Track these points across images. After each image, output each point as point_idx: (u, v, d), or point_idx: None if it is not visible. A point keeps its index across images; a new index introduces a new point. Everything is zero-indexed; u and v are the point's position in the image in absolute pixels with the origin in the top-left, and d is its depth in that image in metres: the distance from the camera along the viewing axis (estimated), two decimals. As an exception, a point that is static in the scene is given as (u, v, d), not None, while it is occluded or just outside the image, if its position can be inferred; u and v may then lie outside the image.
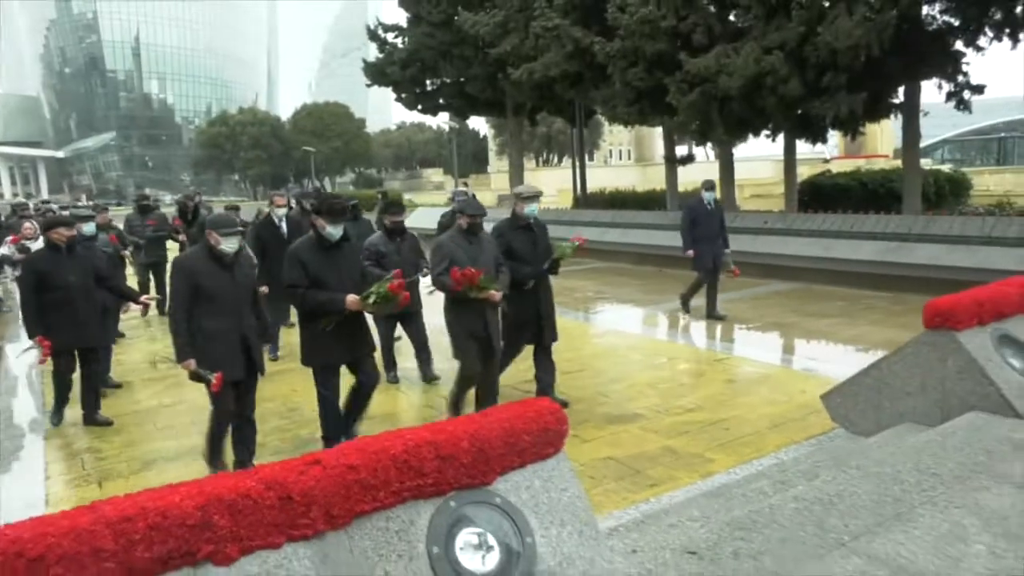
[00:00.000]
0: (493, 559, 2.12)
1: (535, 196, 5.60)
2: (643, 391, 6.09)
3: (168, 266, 9.85)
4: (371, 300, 4.39)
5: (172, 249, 10.49)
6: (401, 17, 25.53)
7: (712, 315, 8.80)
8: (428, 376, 6.56)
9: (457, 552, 2.09)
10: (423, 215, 21.60)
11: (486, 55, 20.70)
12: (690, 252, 8.75)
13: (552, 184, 38.24)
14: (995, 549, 2.44)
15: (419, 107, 26.73)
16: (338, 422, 4.77)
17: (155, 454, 5.09)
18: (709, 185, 9.01)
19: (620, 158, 75.48)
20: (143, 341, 9.06)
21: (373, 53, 27.05)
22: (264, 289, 7.33)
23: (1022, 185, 24.42)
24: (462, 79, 24.13)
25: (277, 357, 7.47)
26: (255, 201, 45.79)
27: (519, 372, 6.01)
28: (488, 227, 5.37)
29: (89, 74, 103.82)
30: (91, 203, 11.90)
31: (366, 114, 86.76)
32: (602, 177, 36.55)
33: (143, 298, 6.18)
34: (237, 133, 76.15)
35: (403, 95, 26.04)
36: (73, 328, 5.50)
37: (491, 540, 2.15)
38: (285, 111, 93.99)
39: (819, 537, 2.57)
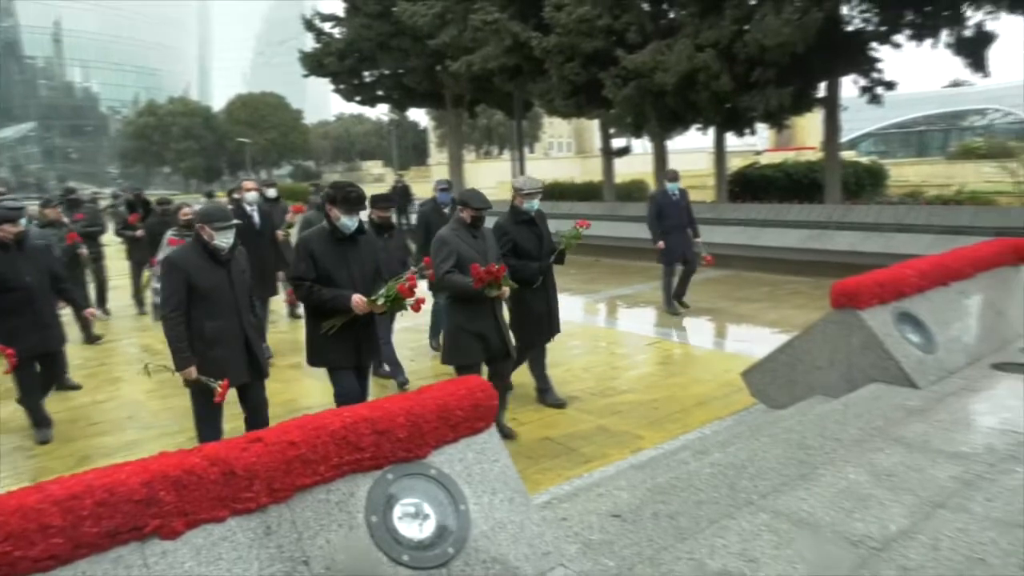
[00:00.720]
0: (430, 526, 2.27)
1: (537, 192, 5.25)
2: (579, 375, 6.32)
3: (105, 263, 9.64)
4: (379, 302, 4.03)
5: (111, 245, 10.26)
6: (338, 7, 25.22)
7: (679, 300, 8.75)
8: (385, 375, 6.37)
9: (395, 521, 2.23)
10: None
11: (425, 46, 20.69)
12: (660, 244, 8.59)
13: (492, 176, 38.37)
14: (883, 501, 2.72)
15: (358, 98, 26.49)
16: None
17: (91, 450, 5.05)
18: (673, 175, 8.83)
19: (560, 150, 76.13)
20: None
21: (310, 43, 26.63)
22: None
23: (937, 176, 25.77)
24: (401, 71, 24.06)
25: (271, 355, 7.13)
26: (188, 195, 44.50)
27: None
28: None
29: (5, 61, 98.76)
30: (43, 198, 11.32)
31: (303, 105, 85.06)
32: (542, 169, 36.93)
33: (87, 312, 5.87)
34: (167, 124, 73.66)
35: (341, 86, 25.78)
36: (37, 332, 5.10)
37: (427, 509, 2.30)
38: (219, 101, 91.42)
39: (731, 497, 2.81)
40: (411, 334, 7.53)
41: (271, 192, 8.83)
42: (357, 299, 4.02)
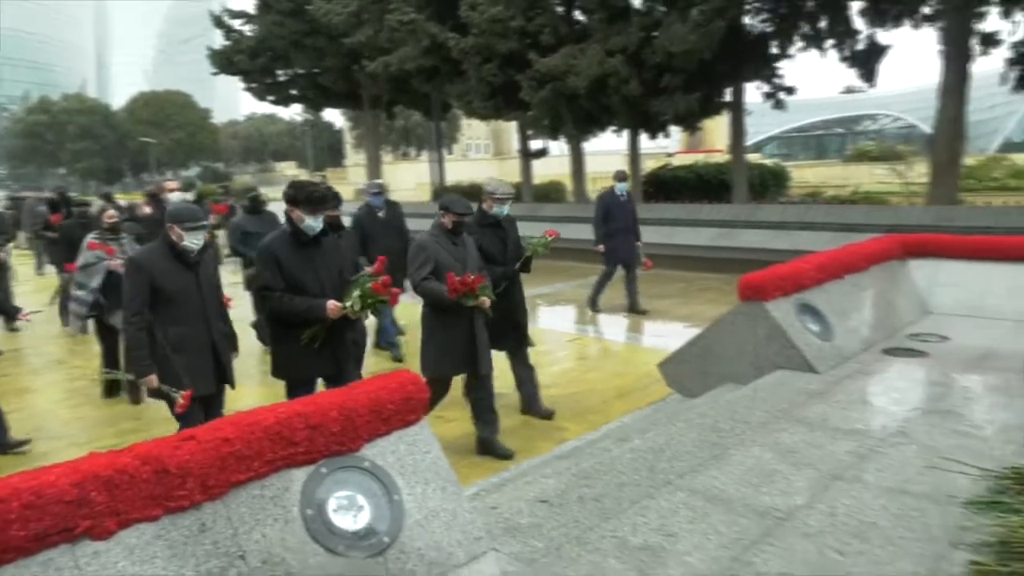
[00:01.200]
0: (364, 517, 2.32)
1: (508, 197, 5.14)
2: (503, 372, 6.40)
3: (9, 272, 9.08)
4: (355, 306, 3.82)
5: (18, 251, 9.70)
6: (248, 3, 24.57)
7: (635, 310, 8.67)
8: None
9: (330, 513, 2.27)
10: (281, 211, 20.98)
11: (341, 46, 20.45)
12: (600, 247, 8.52)
13: (410, 178, 38.13)
14: (787, 476, 2.95)
15: (271, 98, 25.93)
16: None
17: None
18: (621, 176, 8.73)
19: (478, 152, 76.35)
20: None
21: (218, 40, 25.83)
22: None
23: (834, 177, 27.34)
24: (316, 70, 23.67)
25: None
26: (87, 197, 42.19)
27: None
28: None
29: None
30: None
31: (212, 104, 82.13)
32: (461, 170, 36.92)
33: (22, 316, 5.48)
34: (62, 122, 69.69)
35: (253, 85, 25.15)
36: None
37: (361, 500, 2.35)
38: (119, 100, 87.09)
39: (650, 479, 2.98)
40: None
41: (189, 195, 8.59)
42: (332, 305, 3.82)
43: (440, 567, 2.32)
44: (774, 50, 14.62)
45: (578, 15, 16.11)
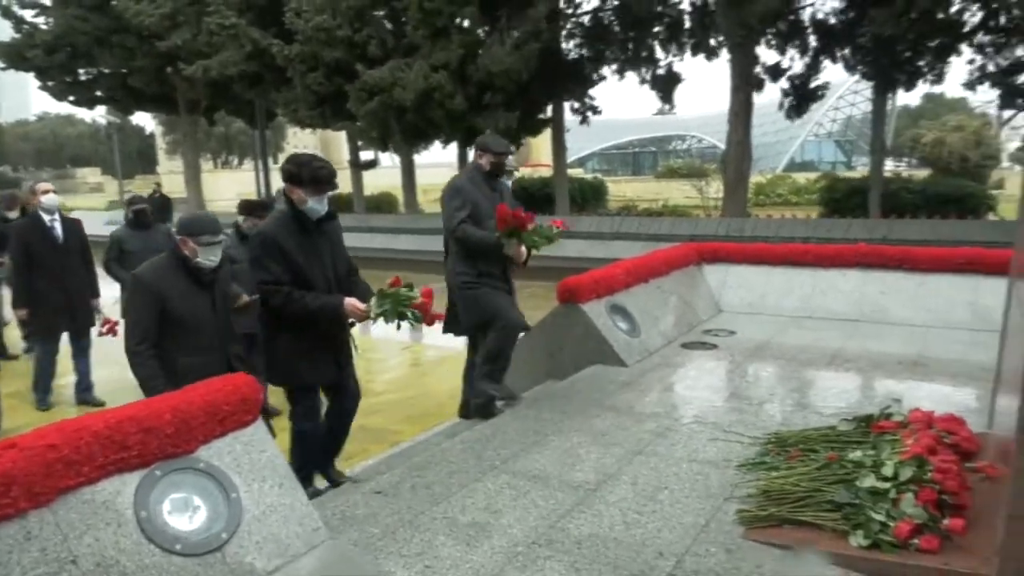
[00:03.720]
0: (201, 516, 2.38)
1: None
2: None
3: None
4: (385, 315, 3.30)
5: None
6: (41, -7, 22.38)
7: None
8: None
9: (165, 515, 2.31)
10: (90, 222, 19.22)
11: (153, 47, 19.19)
12: None
13: (232, 187, 36.30)
14: (598, 455, 3.33)
15: (71, 98, 23.75)
16: (314, 458, 3.65)
17: None
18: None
19: (306, 161, 73.89)
20: None
21: (6, 32, 23.25)
22: (23, 314, 5.69)
23: (648, 192, 29.58)
24: (125, 70, 21.97)
25: (49, 406, 5.92)
26: None
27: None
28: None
29: None
30: None
31: (-5, 102, 73.22)
32: (287, 180, 35.71)
33: None
34: None
35: (50, 83, 22.86)
36: None
37: (197, 500, 2.40)
38: None
39: (478, 465, 3.25)
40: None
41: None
42: (351, 304, 3.32)
43: (280, 558, 2.42)
44: (589, 73, 15.74)
45: (405, 28, 16.36)
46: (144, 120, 63.25)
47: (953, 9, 13.38)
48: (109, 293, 6.11)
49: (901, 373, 4.56)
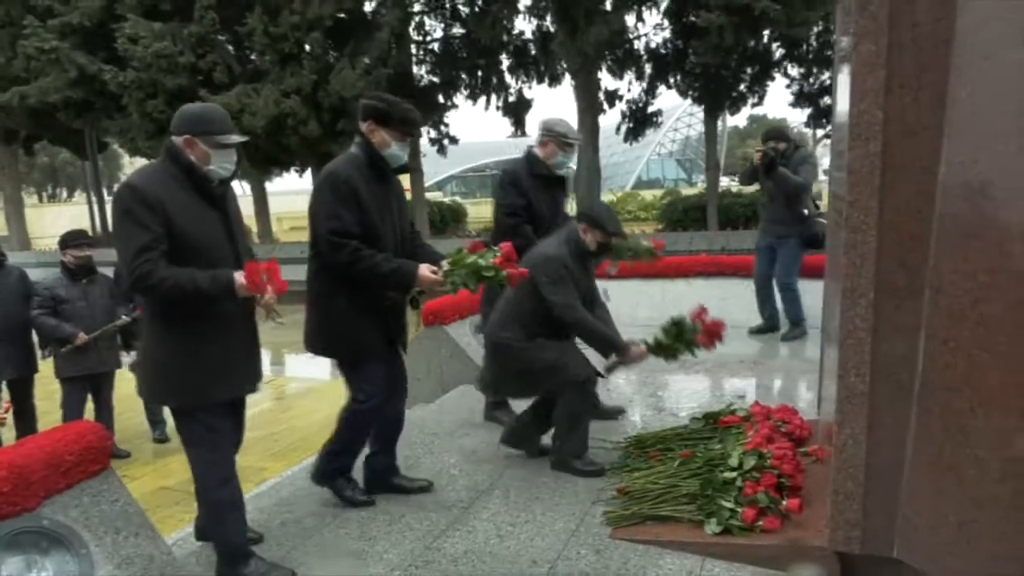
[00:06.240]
0: (46, 577, 2.20)
1: (577, 142, 3.92)
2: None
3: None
4: (463, 280, 2.85)
5: None
6: None
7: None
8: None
9: (4, 580, 2.12)
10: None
11: (-41, 71, 17.40)
12: None
13: (61, 223, 33.44)
14: (470, 472, 3.39)
15: None
16: (361, 442, 3.14)
17: None
18: None
19: (146, 193, 69.31)
20: None
21: None
22: None
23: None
24: (-76, 97, 19.72)
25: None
26: None
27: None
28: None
29: None
30: None
31: None
32: (126, 213, 33.32)
33: None
34: None
35: None
36: None
37: (41, 561, 2.22)
38: None
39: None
40: None
41: None
42: (425, 272, 2.84)
43: (139, 612, 2.28)
44: (442, 99, 15.97)
45: (250, 54, 15.87)
46: (-49, 152, 56.91)
47: (763, 42, 14.90)
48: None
49: (744, 371, 4.96)
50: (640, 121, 16.39)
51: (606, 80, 15.56)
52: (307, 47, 14.37)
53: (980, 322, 1.98)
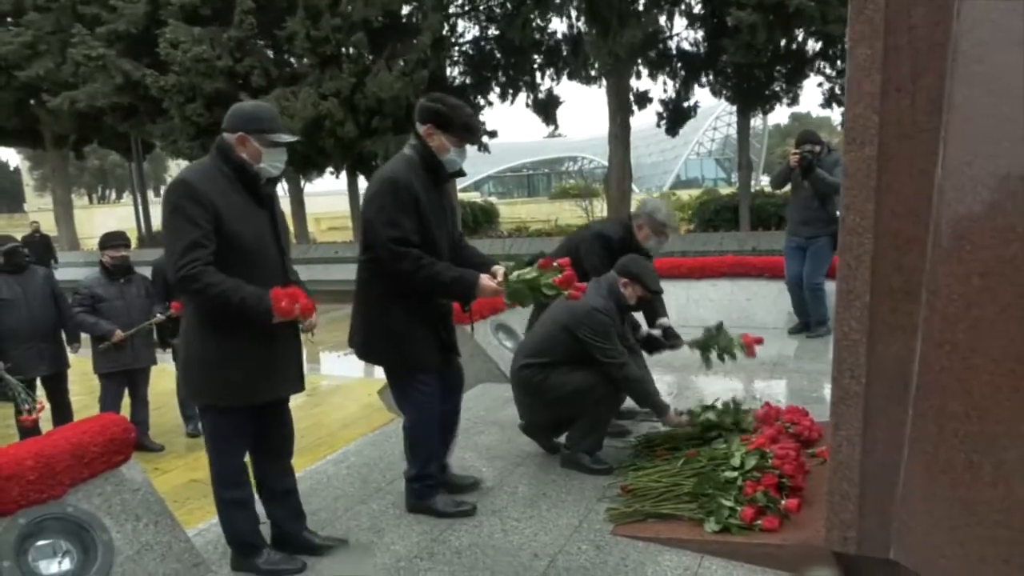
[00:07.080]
0: (69, 561, 2.33)
1: (674, 230, 4.13)
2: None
3: None
4: (515, 289, 2.75)
5: None
6: None
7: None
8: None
9: (31, 563, 2.25)
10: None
11: (13, 78, 18.07)
12: None
13: (111, 223, 34.48)
14: (481, 468, 3.46)
15: (-80, 134, 21.91)
16: (432, 449, 3.07)
17: None
18: None
19: (190, 193, 70.88)
20: None
21: None
22: None
23: (543, 212, 30.24)
24: (-20, 103, 20.55)
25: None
26: None
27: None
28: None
29: None
30: None
31: None
32: (170, 214, 34.21)
33: None
34: None
35: None
36: None
37: (65, 545, 2.35)
38: None
39: (364, 488, 3.31)
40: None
41: None
42: (487, 281, 2.74)
43: (156, 596, 2.40)
44: (476, 98, 16.09)
45: (289, 58, 16.20)
46: (8, 155, 59.12)
47: (797, 40, 14.65)
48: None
49: (763, 373, 4.95)
50: (677, 117, 16.24)
51: (639, 81, 15.48)
52: (347, 50, 14.64)
53: (974, 325, 1.98)
